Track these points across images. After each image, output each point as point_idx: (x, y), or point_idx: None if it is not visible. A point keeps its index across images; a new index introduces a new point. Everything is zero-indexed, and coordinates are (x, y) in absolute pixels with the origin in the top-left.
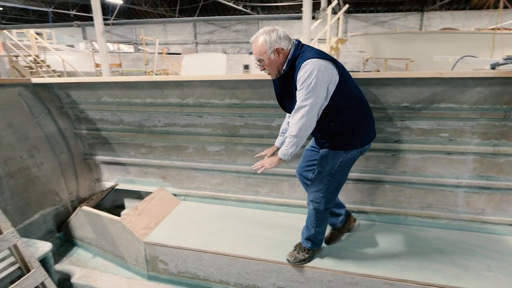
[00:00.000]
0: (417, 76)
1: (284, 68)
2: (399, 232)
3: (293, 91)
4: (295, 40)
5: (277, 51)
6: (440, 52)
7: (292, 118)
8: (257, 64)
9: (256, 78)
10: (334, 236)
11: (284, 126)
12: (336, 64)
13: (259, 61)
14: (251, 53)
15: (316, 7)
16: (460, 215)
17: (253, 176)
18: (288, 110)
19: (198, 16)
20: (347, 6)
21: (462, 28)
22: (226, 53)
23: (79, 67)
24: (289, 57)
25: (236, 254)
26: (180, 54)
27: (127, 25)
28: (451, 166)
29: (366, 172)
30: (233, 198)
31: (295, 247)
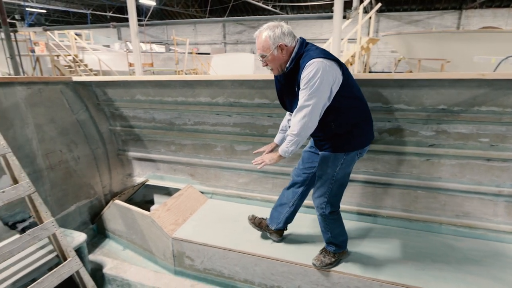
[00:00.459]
0: (457, 78)
1: (287, 66)
2: (432, 241)
3: (295, 89)
4: (299, 38)
5: (280, 47)
6: (480, 53)
7: (294, 117)
8: (260, 59)
9: None
10: (260, 225)
11: (284, 123)
12: (340, 64)
13: (262, 57)
14: None
15: (347, 6)
16: (500, 226)
17: (280, 177)
18: (288, 108)
19: (227, 16)
20: (379, 5)
21: (505, 26)
22: (254, 53)
23: (113, 66)
24: (293, 55)
25: (262, 254)
26: (209, 54)
27: (159, 25)
28: (492, 174)
29: (398, 177)
30: (259, 198)
31: (320, 251)
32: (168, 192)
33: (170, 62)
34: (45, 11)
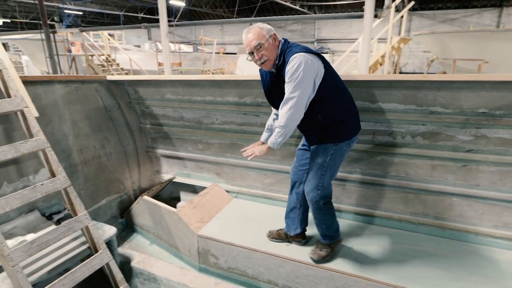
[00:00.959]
0: (501, 80)
1: (277, 63)
2: (467, 251)
3: (282, 86)
4: (281, 38)
5: (273, 37)
6: None
7: (281, 109)
8: (250, 55)
9: None
10: (280, 236)
11: (269, 122)
12: (321, 58)
13: (258, 46)
14: None
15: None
16: None
17: None
18: (277, 104)
19: (255, 16)
20: (412, 3)
21: None
22: None
23: (143, 65)
24: (278, 51)
25: (286, 256)
26: (235, 54)
27: (188, 26)
28: None
29: (431, 183)
30: (284, 199)
31: (316, 245)
32: (194, 189)
33: (198, 62)
34: (81, 13)
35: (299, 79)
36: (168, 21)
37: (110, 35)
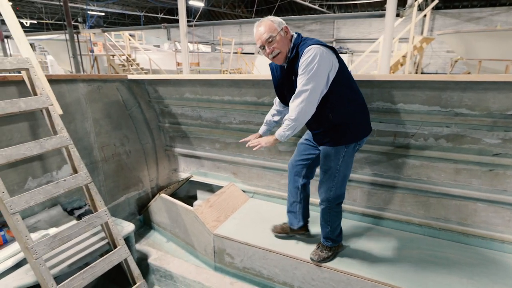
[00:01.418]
0: None
1: (289, 56)
2: (492, 260)
3: (294, 79)
4: (295, 33)
5: (285, 29)
6: None
7: (292, 102)
8: (261, 48)
9: None
10: (284, 230)
11: (268, 117)
12: (336, 53)
13: (269, 39)
14: None
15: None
16: None
17: None
18: (288, 99)
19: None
20: (436, 1)
21: None
22: None
23: (162, 65)
24: (291, 45)
25: (302, 258)
26: (253, 54)
27: (206, 26)
28: None
29: (454, 187)
30: None
31: (317, 245)
32: (211, 188)
33: (216, 62)
34: (103, 14)
35: (314, 71)
36: (187, 21)
37: (130, 35)
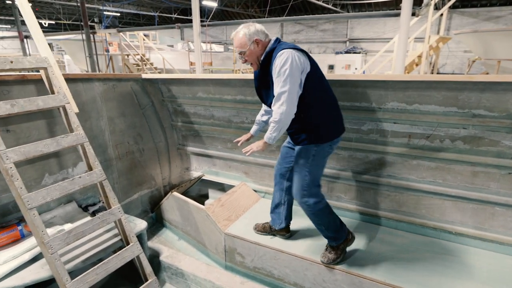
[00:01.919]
0: None
1: (261, 58)
2: (510, 266)
3: (269, 81)
4: (275, 37)
5: (256, 41)
6: None
7: (274, 105)
8: (239, 57)
9: (347, 78)
10: (265, 229)
11: (258, 117)
12: (308, 56)
13: (241, 53)
14: (337, 52)
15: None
16: None
17: (337, 181)
18: (264, 100)
19: (286, 16)
20: (453, 0)
21: None
22: (311, 52)
23: (176, 64)
24: (267, 49)
25: (313, 259)
26: None
27: (219, 26)
28: None
29: (471, 190)
30: None
31: (325, 247)
32: (222, 188)
33: (228, 61)
34: (119, 14)
35: (287, 73)
36: (201, 21)
37: (145, 35)
